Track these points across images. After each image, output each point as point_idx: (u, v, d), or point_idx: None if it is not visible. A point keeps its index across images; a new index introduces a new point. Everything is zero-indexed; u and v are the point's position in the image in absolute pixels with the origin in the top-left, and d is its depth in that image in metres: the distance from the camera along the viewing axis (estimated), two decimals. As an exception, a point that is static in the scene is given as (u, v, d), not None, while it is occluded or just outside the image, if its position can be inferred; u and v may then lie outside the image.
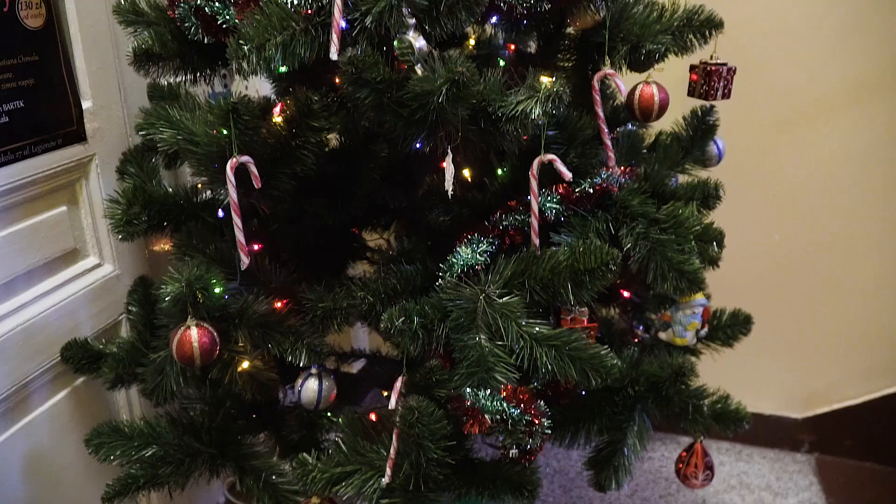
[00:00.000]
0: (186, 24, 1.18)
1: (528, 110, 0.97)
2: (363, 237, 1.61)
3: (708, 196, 1.31)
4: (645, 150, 1.43)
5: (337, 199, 1.28)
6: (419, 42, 0.98)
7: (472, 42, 1.50)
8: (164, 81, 1.33)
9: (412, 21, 0.97)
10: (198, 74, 1.29)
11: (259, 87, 1.74)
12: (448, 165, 1.02)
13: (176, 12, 1.19)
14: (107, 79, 1.44)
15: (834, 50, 1.89)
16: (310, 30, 0.98)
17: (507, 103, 0.99)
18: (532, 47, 1.52)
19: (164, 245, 1.42)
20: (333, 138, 1.31)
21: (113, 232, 1.28)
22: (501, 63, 1.46)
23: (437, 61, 0.97)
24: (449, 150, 1.00)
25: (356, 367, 1.97)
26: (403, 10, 0.95)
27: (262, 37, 0.96)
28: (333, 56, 0.97)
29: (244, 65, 0.96)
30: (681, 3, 1.30)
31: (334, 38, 0.97)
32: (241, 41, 0.96)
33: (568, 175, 1.06)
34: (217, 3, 1.13)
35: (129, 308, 1.46)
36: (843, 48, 1.89)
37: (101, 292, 1.46)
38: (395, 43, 0.98)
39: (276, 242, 1.36)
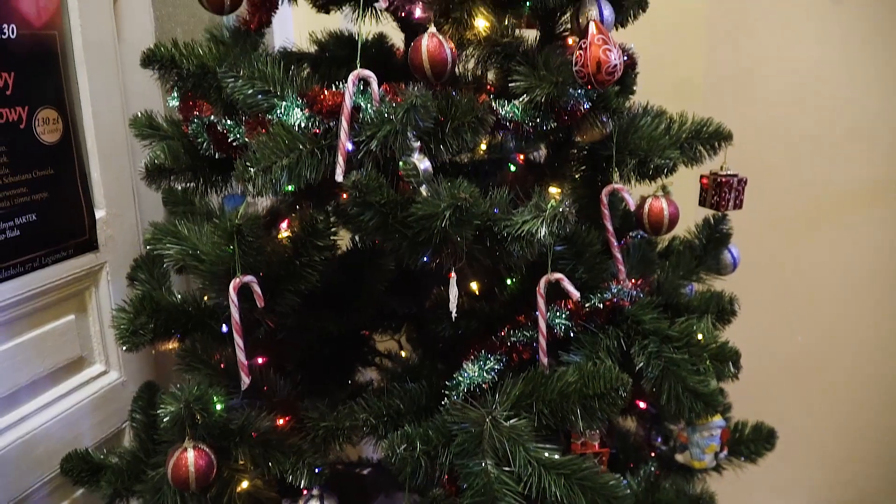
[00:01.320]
0: (199, 140, 1.20)
1: (533, 230, 0.96)
2: (374, 338, 1.58)
3: (723, 310, 1.27)
4: (658, 257, 1.41)
5: (343, 311, 1.26)
6: (424, 164, 0.98)
7: (483, 146, 1.51)
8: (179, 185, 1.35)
9: (417, 143, 0.98)
10: (209, 186, 1.30)
11: (273, 190, 1.75)
12: (452, 287, 1.00)
13: (190, 128, 1.21)
14: (122, 187, 1.46)
15: (848, 152, 1.89)
16: (316, 152, 0.99)
17: (513, 223, 0.97)
18: (542, 155, 1.53)
19: (171, 345, 1.41)
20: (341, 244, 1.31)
21: (118, 342, 1.26)
22: (512, 168, 1.47)
23: (441, 182, 0.96)
24: (453, 272, 0.99)
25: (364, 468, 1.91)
26: (408, 133, 0.96)
27: (269, 159, 0.96)
28: (339, 178, 0.97)
29: (250, 187, 0.97)
30: (689, 116, 1.31)
31: (340, 160, 0.98)
32: (247, 163, 0.96)
33: (576, 295, 1.03)
34: (229, 121, 1.15)
35: (134, 416, 1.44)
36: (857, 150, 1.88)
37: (106, 400, 1.44)
38: (400, 164, 0.98)
39: (282, 352, 1.34)
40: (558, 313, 1.13)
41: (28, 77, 1.20)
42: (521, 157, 1.45)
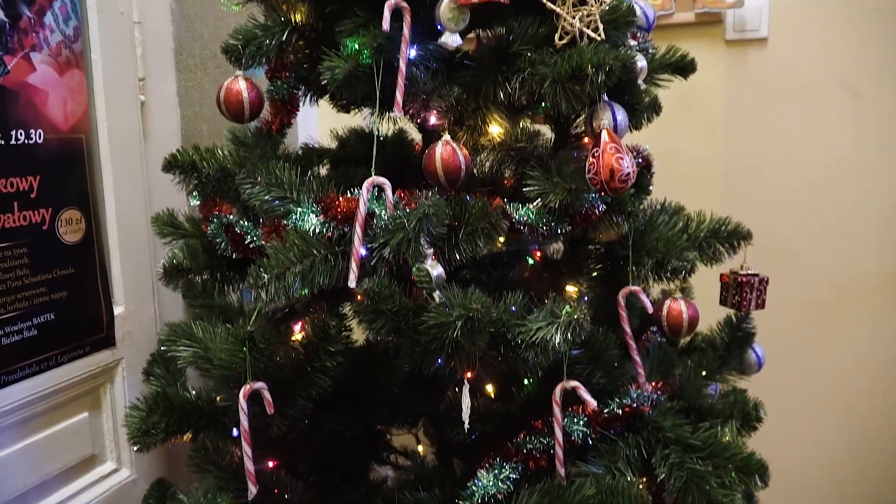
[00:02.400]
0: (217, 241, 1.21)
1: (548, 337, 0.94)
2: (390, 432, 1.55)
3: (748, 416, 1.23)
4: (680, 355, 1.38)
5: (356, 412, 1.24)
6: (437, 270, 0.98)
7: (501, 239, 1.51)
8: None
9: (430, 250, 0.98)
10: (227, 284, 1.31)
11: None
12: (464, 398, 0.98)
13: (209, 228, 1.23)
14: (141, 283, 1.47)
15: (869, 241, 1.86)
16: (329, 258, 0.99)
17: (527, 330, 0.96)
18: (558, 250, 1.52)
19: (185, 437, 1.39)
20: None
21: (129, 442, 1.25)
22: (530, 261, 1.46)
23: (454, 289, 0.96)
24: (466, 382, 0.97)
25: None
26: (421, 240, 0.96)
27: (282, 265, 0.97)
28: (352, 284, 0.97)
29: (263, 293, 0.97)
30: (707, 214, 1.30)
31: (353, 266, 0.98)
32: (261, 269, 0.97)
33: (592, 403, 1.01)
34: (247, 223, 1.17)
35: (144, 516, 1.41)
36: (878, 239, 1.86)
37: (116, 499, 1.42)
38: (413, 270, 0.98)
39: (294, 452, 1.31)
40: (576, 420, 1.10)
41: (53, 180, 1.23)
42: (538, 253, 1.45)
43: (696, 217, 1.30)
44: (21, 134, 1.16)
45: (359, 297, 1.02)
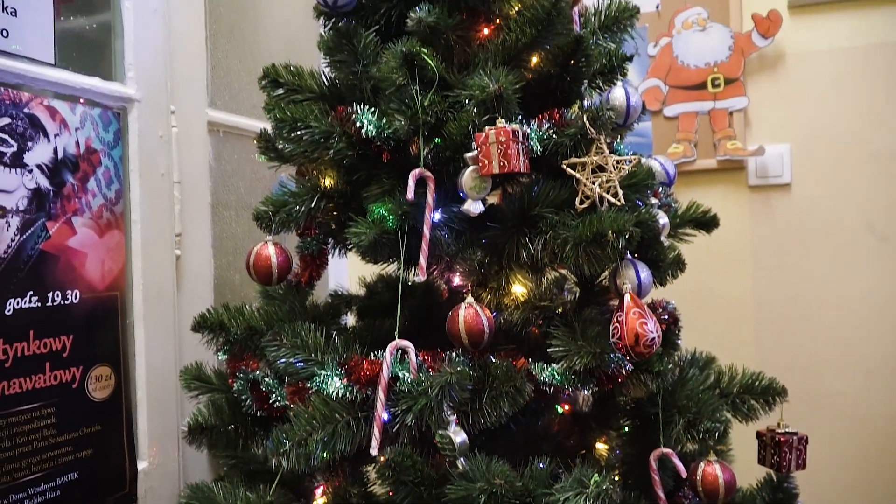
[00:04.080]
0: (243, 397, 1.21)
1: (576, 510, 0.90)
2: None
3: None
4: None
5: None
6: (460, 437, 0.96)
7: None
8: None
9: (453, 417, 0.96)
10: (251, 440, 1.29)
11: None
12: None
13: (236, 384, 1.23)
14: (167, 437, 1.47)
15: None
16: (352, 424, 0.98)
17: (554, 501, 0.92)
18: (588, 402, 1.49)
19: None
20: None
21: None
22: (559, 410, 1.42)
23: (477, 458, 0.94)
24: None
25: None
26: (444, 406, 0.95)
27: (304, 431, 0.96)
28: (374, 452, 0.95)
29: (283, 461, 0.95)
30: (739, 370, 1.27)
31: (376, 432, 0.96)
32: (283, 436, 0.96)
33: None
34: (272, 380, 1.17)
35: None
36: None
37: None
38: (437, 437, 0.96)
39: None
40: None
41: (86, 338, 1.26)
42: (567, 406, 1.42)
43: (728, 371, 1.28)
44: (58, 295, 1.20)
45: (381, 458, 1.01)
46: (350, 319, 1.52)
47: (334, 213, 1.21)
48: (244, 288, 1.80)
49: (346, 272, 2.18)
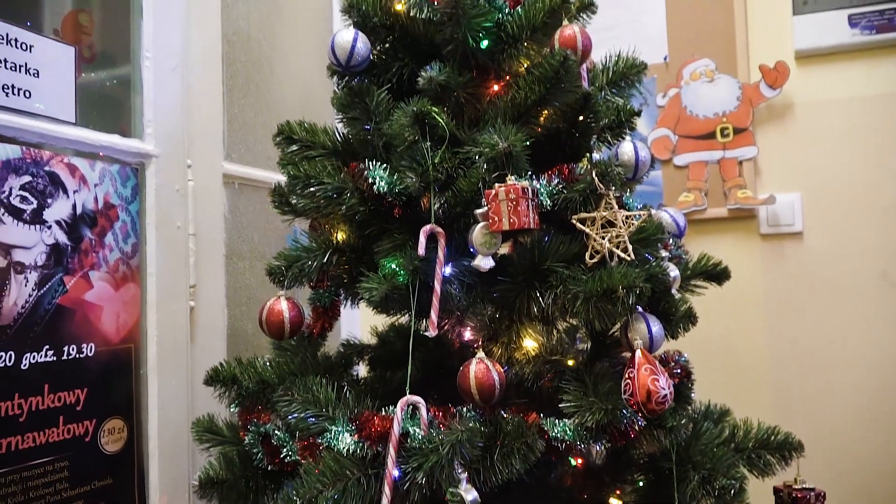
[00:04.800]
0: (254, 451, 1.21)
1: (590, 571, 0.89)
2: None
3: None
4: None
5: None
6: (471, 495, 0.95)
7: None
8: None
9: (464, 475, 0.96)
10: (262, 495, 1.29)
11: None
12: None
13: (247, 436, 1.23)
14: (178, 487, 1.46)
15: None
16: (362, 481, 0.98)
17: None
18: (601, 455, 1.47)
19: None
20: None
21: None
22: (572, 462, 1.41)
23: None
24: None
25: None
26: (455, 464, 0.94)
27: (315, 489, 0.96)
28: (384, 515, 0.95)
29: (294, 521, 0.95)
30: (754, 423, 1.26)
31: (386, 490, 0.96)
32: (293, 493, 0.96)
33: None
34: (284, 434, 1.17)
35: None
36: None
37: None
38: (448, 495, 0.96)
39: None
40: None
41: (100, 391, 1.27)
42: (580, 460, 1.40)
43: (744, 425, 1.26)
44: (73, 349, 1.21)
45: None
46: (362, 370, 1.53)
47: (346, 267, 1.22)
48: (257, 337, 1.81)
49: (359, 320, 2.19)
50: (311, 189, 1.11)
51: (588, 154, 1.22)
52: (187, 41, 1.56)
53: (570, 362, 1.20)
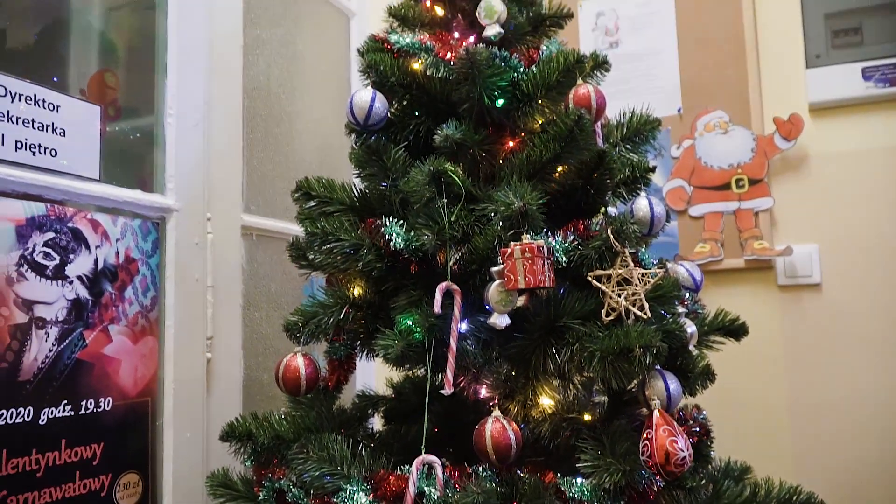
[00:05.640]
0: (267, 511, 1.20)
1: None
2: None
3: None
4: None
5: None
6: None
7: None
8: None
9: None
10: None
11: None
12: None
13: (261, 493, 1.22)
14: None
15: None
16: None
17: None
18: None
19: None
20: None
21: None
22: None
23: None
24: None
25: None
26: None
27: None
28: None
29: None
30: (776, 481, 1.24)
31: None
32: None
33: None
34: (298, 491, 1.16)
35: None
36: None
37: None
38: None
39: None
40: None
41: (116, 445, 1.27)
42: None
43: (765, 484, 1.24)
44: (91, 403, 1.22)
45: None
46: (377, 422, 1.52)
47: (363, 322, 1.23)
48: (272, 388, 1.80)
49: (373, 370, 2.18)
50: (329, 245, 1.12)
51: (603, 209, 1.23)
52: (209, 96, 1.60)
53: (587, 417, 1.19)
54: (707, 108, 2.01)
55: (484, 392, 1.11)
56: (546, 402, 1.11)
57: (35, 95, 1.17)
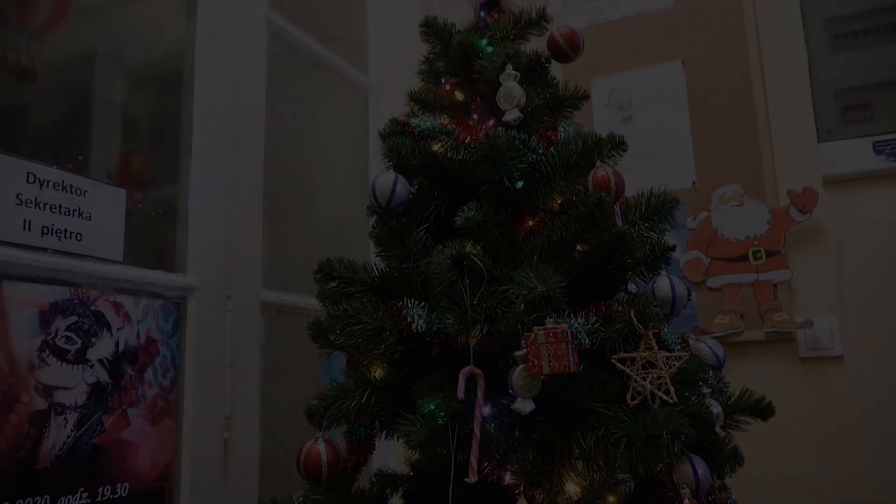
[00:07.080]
0: None
1: None
2: None
3: None
4: None
5: None
6: None
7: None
8: None
9: None
10: None
11: None
12: None
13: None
14: None
15: None
16: None
17: None
18: None
19: None
20: None
21: None
22: None
23: None
24: None
25: None
26: None
27: None
28: None
29: None
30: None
31: None
32: None
33: None
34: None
35: None
36: None
37: None
38: None
39: None
40: None
41: (132, 531, 1.24)
42: None
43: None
44: (108, 490, 1.20)
45: None
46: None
47: (384, 405, 1.21)
48: (290, 465, 1.77)
49: (391, 447, 2.14)
50: (351, 328, 1.12)
51: (624, 288, 1.22)
52: (232, 176, 1.62)
53: (612, 499, 1.16)
54: (721, 180, 2.03)
55: (508, 478, 1.09)
56: (572, 488, 1.08)
57: (63, 181, 1.20)
